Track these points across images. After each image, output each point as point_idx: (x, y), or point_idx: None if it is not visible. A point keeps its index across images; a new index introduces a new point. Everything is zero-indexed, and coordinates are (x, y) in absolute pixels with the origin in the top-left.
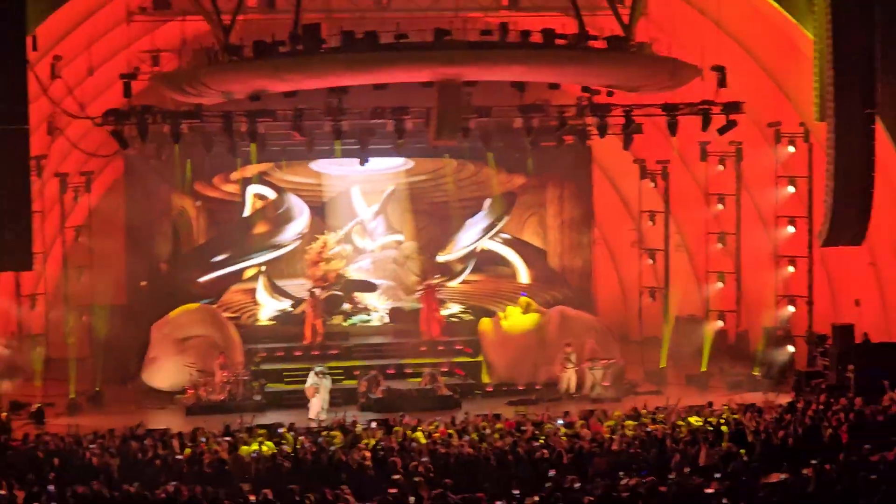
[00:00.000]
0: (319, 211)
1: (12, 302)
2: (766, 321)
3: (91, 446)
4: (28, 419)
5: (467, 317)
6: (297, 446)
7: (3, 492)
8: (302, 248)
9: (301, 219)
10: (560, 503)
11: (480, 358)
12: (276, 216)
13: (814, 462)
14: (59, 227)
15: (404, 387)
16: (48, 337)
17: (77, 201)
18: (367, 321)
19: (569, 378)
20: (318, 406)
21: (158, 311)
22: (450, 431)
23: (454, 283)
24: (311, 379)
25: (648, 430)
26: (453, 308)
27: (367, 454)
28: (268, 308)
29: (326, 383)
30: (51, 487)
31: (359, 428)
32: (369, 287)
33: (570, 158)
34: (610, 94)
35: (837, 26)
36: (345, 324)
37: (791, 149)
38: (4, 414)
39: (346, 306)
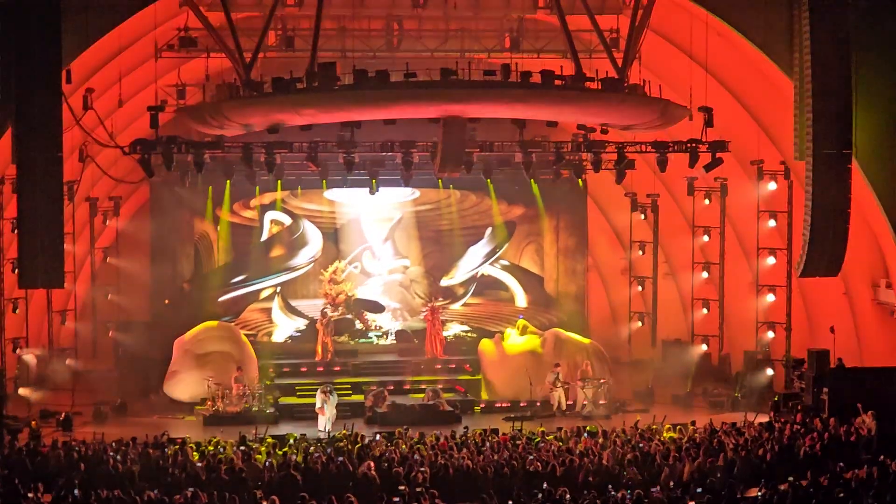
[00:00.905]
0: (332, 236)
1: (44, 317)
2: (748, 345)
3: (115, 453)
4: (56, 427)
5: (470, 336)
6: (307, 456)
7: (31, 495)
8: (315, 270)
9: (314, 243)
10: None
11: (480, 376)
12: (292, 241)
13: (790, 479)
14: (88, 248)
15: (408, 402)
16: (77, 350)
17: (106, 224)
18: (375, 340)
19: (558, 396)
20: (325, 420)
21: (180, 327)
22: (450, 444)
23: (456, 306)
24: (319, 397)
25: (635, 445)
26: (456, 329)
27: (372, 464)
28: (283, 329)
29: (333, 399)
30: (76, 492)
31: (365, 440)
32: (377, 308)
33: (566, 191)
34: (604, 131)
35: (817, 72)
36: (352, 342)
37: (772, 185)
38: (35, 422)
39: (359, 325)
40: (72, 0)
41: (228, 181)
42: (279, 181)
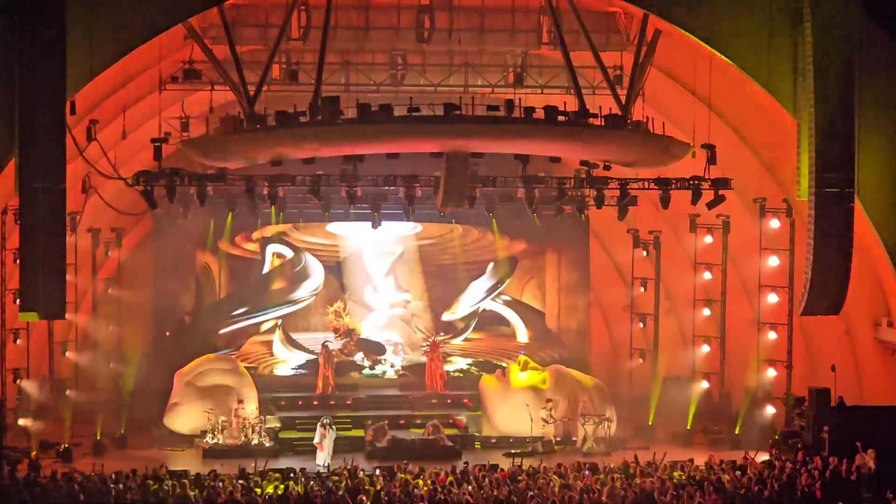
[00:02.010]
0: (334, 270)
1: (45, 348)
2: (748, 383)
3: (114, 485)
4: (56, 458)
5: (475, 371)
6: (307, 490)
7: None
8: (317, 304)
9: (316, 277)
10: None
11: (480, 412)
12: (293, 274)
13: None
14: (90, 278)
15: (408, 437)
16: (77, 381)
17: (108, 255)
18: (378, 375)
19: (551, 432)
20: (325, 454)
21: (181, 359)
22: (450, 479)
23: (458, 341)
24: (319, 431)
25: (636, 483)
26: (459, 363)
27: (365, 499)
28: (285, 365)
29: (332, 433)
30: None
31: (361, 474)
32: (380, 350)
33: (568, 227)
34: (607, 167)
35: (820, 111)
36: (355, 375)
37: (775, 223)
38: (34, 453)
39: (366, 362)
40: (76, 32)
41: (231, 213)
42: (281, 214)
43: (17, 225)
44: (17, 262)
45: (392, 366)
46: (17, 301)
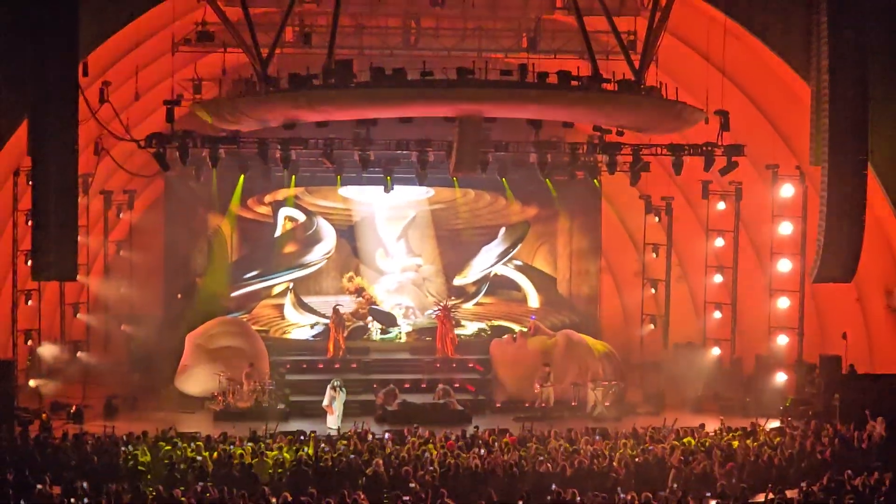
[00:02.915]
0: (346, 233)
1: (57, 310)
2: (760, 350)
3: (125, 447)
4: (67, 420)
5: (485, 335)
6: (318, 453)
7: (41, 487)
8: (329, 267)
9: (328, 240)
10: None
11: (490, 376)
12: (305, 237)
13: (801, 484)
14: (102, 241)
15: (419, 401)
16: (89, 343)
17: (119, 217)
18: (389, 339)
19: (546, 394)
20: (334, 417)
21: (192, 322)
22: (460, 444)
23: (469, 305)
24: (328, 393)
25: (646, 448)
26: (470, 327)
27: (381, 462)
28: (300, 331)
29: (342, 396)
30: (85, 484)
31: (371, 437)
32: (391, 321)
33: (580, 192)
34: (620, 133)
35: (834, 77)
36: (366, 338)
37: (788, 190)
38: (45, 414)
39: (376, 326)
40: None
41: (242, 176)
42: (293, 177)
43: (30, 186)
44: (30, 223)
45: (403, 330)
46: (30, 262)
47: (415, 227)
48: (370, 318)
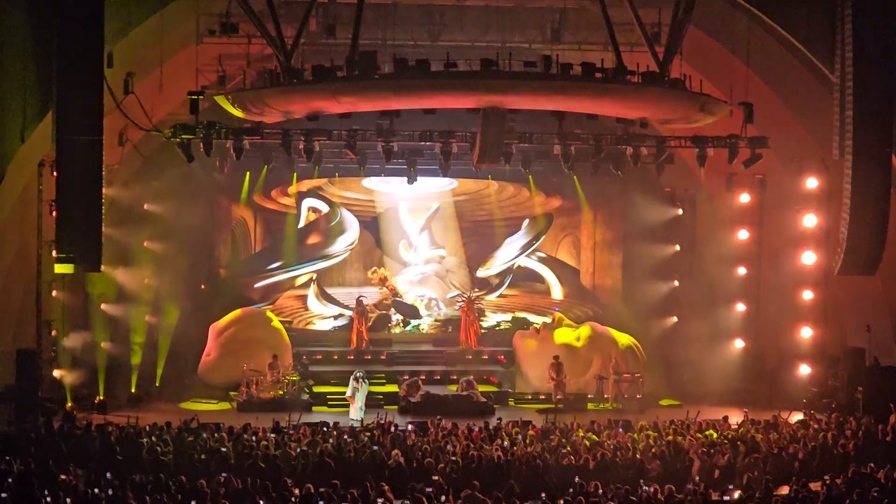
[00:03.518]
0: (369, 225)
1: (81, 300)
2: (783, 343)
3: (149, 437)
4: (91, 410)
5: (508, 327)
6: (340, 444)
7: (64, 476)
8: (352, 258)
9: (351, 232)
10: None
11: (514, 368)
12: (328, 228)
13: (825, 477)
14: (126, 231)
15: (442, 392)
16: (112, 334)
17: (143, 208)
18: (412, 330)
19: (560, 388)
20: (356, 408)
21: (216, 312)
22: (483, 435)
23: (492, 297)
24: (351, 384)
25: (668, 440)
26: (494, 319)
27: (400, 453)
28: (321, 321)
29: (364, 388)
30: (109, 474)
31: (394, 428)
32: (414, 313)
33: (604, 184)
34: (644, 125)
35: (859, 69)
36: (389, 330)
37: (812, 182)
38: (69, 404)
39: (398, 317)
40: None
41: (266, 167)
42: (317, 168)
43: (54, 177)
44: (54, 214)
45: (426, 322)
46: (54, 253)
47: (438, 218)
48: (393, 310)
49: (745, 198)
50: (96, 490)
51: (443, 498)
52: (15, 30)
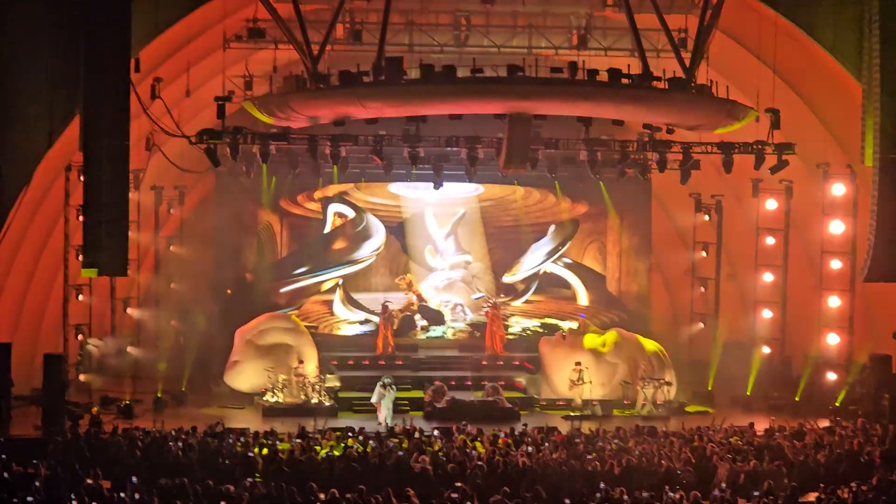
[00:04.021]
0: (395, 230)
1: (107, 304)
2: (810, 349)
3: (174, 442)
4: (117, 414)
5: (534, 333)
6: (367, 450)
7: (90, 481)
8: (378, 264)
9: (377, 237)
10: None
11: (539, 374)
12: (354, 234)
13: (851, 484)
14: (152, 236)
15: (467, 398)
16: (139, 338)
17: (170, 213)
18: (438, 336)
19: (578, 394)
20: (384, 414)
21: (242, 317)
22: (508, 441)
23: (518, 303)
24: (378, 391)
25: (694, 447)
26: (520, 325)
27: (428, 459)
28: (346, 326)
29: (391, 394)
30: (134, 479)
31: (419, 434)
32: (438, 319)
33: (630, 190)
34: (670, 131)
35: (885, 75)
36: (415, 335)
37: (839, 188)
38: (95, 408)
39: (424, 322)
40: None
41: (292, 172)
42: (343, 173)
43: (81, 182)
44: (81, 218)
45: (451, 327)
46: (80, 257)
47: (464, 224)
48: (418, 316)
49: (771, 204)
50: (122, 494)
51: None
52: (42, 35)
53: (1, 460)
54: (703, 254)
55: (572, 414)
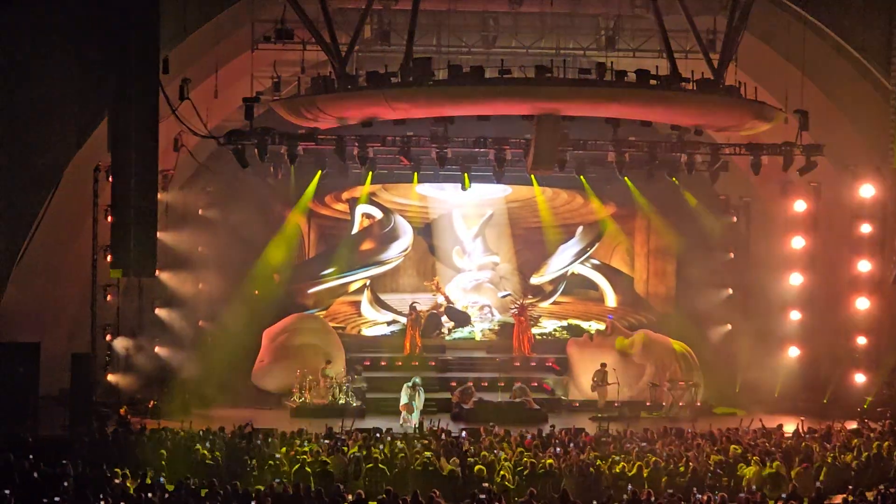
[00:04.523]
0: (422, 231)
1: (135, 305)
2: (838, 351)
3: (202, 442)
4: (145, 414)
5: (561, 334)
6: (393, 450)
7: (118, 481)
8: (406, 265)
9: (405, 238)
10: None
11: (567, 376)
12: (382, 234)
13: (879, 487)
14: (180, 237)
15: (495, 399)
16: (166, 338)
17: (198, 214)
18: (465, 337)
19: (602, 395)
20: (411, 416)
21: (270, 318)
22: (535, 443)
23: (545, 304)
24: (406, 392)
25: (722, 449)
26: (547, 326)
27: (457, 461)
28: (374, 327)
29: (420, 396)
30: (161, 479)
31: (445, 436)
32: (464, 320)
33: (658, 192)
34: (698, 132)
35: None
36: (446, 336)
37: (867, 190)
38: (123, 409)
39: (450, 324)
40: None
41: (319, 173)
42: (371, 174)
43: (110, 182)
44: (109, 219)
45: (478, 328)
46: (109, 258)
47: (492, 225)
48: (445, 317)
49: (800, 205)
50: (149, 494)
51: None
52: (71, 35)
53: (29, 460)
54: (731, 255)
55: (600, 416)
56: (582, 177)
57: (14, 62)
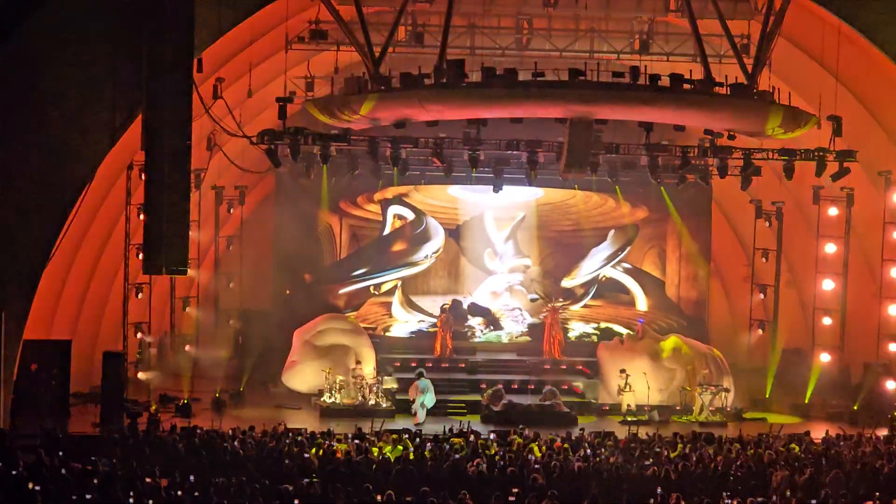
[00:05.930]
0: (454, 233)
1: (166, 303)
2: (869, 357)
3: (232, 441)
4: (175, 413)
5: (591, 338)
6: (424, 452)
7: (148, 479)
8: (437, 267)
9: (436, 239)
10: None
11: (597, 379)
12: (414, 236)
13: None
14: (213, 236)
15: (525, 402)
16: (198, 337)
17: (230, 213)
18: (495, 340)
19: (626, 401)
20: (423, 412)
21: (300, 318)
22: (565, 446)
23: (576, 307)
24: (423, 386)
25: (752, 454)
26: (578, 329)
27: (485, 463)
28: (403, 326)
29: (426, 388)
30: (192, 478)
31: (475, 438)
32: (484, 313)
33: (691, 196)
34: (731, 137)
35: None
36: (476, 339)
37: None
38: (154, 407)
39: (481, 326)
40: None
41: (350, 174)
42: (403, 175)
43: (143, 181)
44: (142, 217)
45: (509, 331)
46: (141, 256)
47: (523, 227)
48: (479, 324)
49: (832, 211)
50: (180, 493)
51: None
52: (105, 34)
53: (59, 457)
54: (764, 260)
55: (630, 419)
56: (615, 182)
57: (47, 60)
